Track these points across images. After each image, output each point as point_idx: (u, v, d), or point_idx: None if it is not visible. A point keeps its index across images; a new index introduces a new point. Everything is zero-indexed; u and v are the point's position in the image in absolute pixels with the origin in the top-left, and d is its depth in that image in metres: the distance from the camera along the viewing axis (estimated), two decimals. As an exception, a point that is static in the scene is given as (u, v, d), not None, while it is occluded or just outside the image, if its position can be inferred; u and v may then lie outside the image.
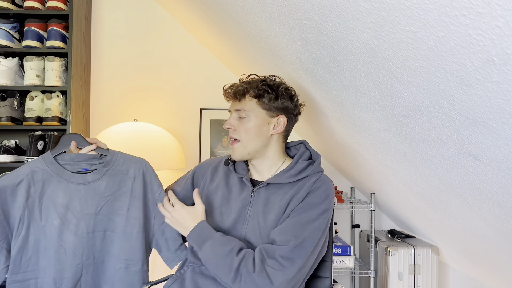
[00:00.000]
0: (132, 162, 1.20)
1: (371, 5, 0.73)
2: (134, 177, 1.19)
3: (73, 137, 1.18)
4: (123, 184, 1.18)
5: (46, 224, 1.10)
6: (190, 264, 1.15)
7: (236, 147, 1.15)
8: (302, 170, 1.14)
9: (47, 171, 1.12)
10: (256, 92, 1.12)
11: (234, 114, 1.16)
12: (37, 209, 1.10)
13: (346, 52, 0.97)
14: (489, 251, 1.36)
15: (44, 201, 1.11)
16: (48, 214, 1.11)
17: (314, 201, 1.08)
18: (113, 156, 1.19)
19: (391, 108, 1.04)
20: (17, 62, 1.96)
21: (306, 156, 1.19)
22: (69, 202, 1.12)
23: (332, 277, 1.28)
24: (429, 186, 1.31)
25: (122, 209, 1.17)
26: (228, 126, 1.15)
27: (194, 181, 1.27)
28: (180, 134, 2.25)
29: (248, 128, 1.12)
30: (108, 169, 1.17)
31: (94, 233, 1.14)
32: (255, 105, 1.13)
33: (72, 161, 1.15)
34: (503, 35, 0.56)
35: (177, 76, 2.27)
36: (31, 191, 1.10)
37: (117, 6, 2.26)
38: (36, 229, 1.10)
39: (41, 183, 1.11)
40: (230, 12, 1.43)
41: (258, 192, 1.13)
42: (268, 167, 1.18)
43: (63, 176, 1.13)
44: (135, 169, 1.20)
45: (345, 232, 2.28)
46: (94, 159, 1.17)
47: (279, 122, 1.15)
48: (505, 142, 0.78)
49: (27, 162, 1.14)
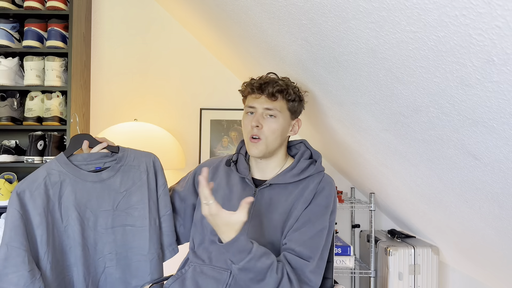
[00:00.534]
0: (142, 157, 1.24)
1: (371, 5, 0.73)
2: (147, 170, 1.22)
3: (84, 137, 1.20)
4: (137, 179, 1.20)
5: (67, 225, 1.12)
6: (192, 264, 1.14)
7: (258, 145, 1.13)
8: (304, 169, 1.15)
9: (63, 172, 1.14)
10: (293, 95, 1.15)
11: (261, 111, 1.13)
12: (57, 211, 1.12)
13: (346, 52, 0.97)
14: (489, 251, 1.36)
15: (63, 202, 1.12)
16: (69, 214, 1.12)
17: (323, 203, 1.11)
18: (124, 152, 1.22)
19: (391, 108, 1.04)
20: (17, 62, 1.95)
21: (307, 155, 1.20)
22: (87, 201, 1.15)
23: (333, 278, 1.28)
24: (429, 186, 1.31)
25: (140, 202, 1.19)
26: (256, 124, 1.11)
27: (196, 181, 1.27)
28: (180, 134, 2.25)
29: (276, 129, 1.13)
30: (121, 165, 1.20)
31: (113, 228, 1.16)
32: (285, 106, 1.15)
33: (85, 161, 1.17)
34: (503, 35, 0.56)
35: (177, 76, 2.27)
36: (50, 194, 1.11)
37: (117, 6, 2.26)
38: (59, 231, 1.11)
39: (59, 185, 1.12)
40: (230, 12, 1.43)
41: (261, 192, 1.13)
42: (273, 166, 1.19)
43: (79, 176, 1.15)
44: (147, 163, 1.23)
45: (345, 232, 2.28)
46: (106, 157, 1.20)
47: (296, 125, 1.20)
48: (505, 142, 0.78)
49: (42, 165, 1.15)
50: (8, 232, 1.04)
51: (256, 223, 1.10)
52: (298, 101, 1.18)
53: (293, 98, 1.15)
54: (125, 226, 1.18)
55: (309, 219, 1.08)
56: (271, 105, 1.13)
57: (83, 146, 1.19)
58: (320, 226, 1.08)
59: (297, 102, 1.18)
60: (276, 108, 1.13)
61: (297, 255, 1.04)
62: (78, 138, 1.19)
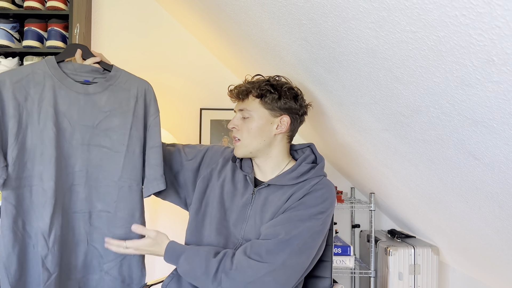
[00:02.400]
0: (135, 82, 1.18)
1: (371, 5, 0.73)
2: (137, 96, 1.17)
3: (79, 47, 1.15)
4: (124, 103, 1.15)
5: (44, 129, 1.06)
6: None
7: (238, 145, 1.16)
8: (304, 173, 1.12)
9: (49, 74, 1.07)
10: (259, 92, 1.13)
11: (238, 114, 1.18)
12: (35, 112, 1.05)
13: (346, 52, 0.97)
14: (489, 251, 1.36)
15: (43, 105, 1.06)
16: (47, 118, 1.06)
17: (310, 202, 1.07)
18: (117, 72, 1.17)
19: (391, 108, 1.04)
20: (17, 62, 1.95)
21: (310, 159, 1.18)
22: (66, 110, 1.08)
23: (332, 277, 1.28)
24: (429, 186, 1.31)
25: (122, 127, 1.14)
26: (232, 126, 1.17)
27: (203, 159, 1.26)
28: (180, 134, 2.25)
29: (251, 128, 1.13)
30: (110, 84, 1.15)
31: (89, 146, 1.11)
32: (258, 105, 1.14)
33: (74, 71, 1.12)
34: (503, 35, 0.56)
35: (177, 76, 2.27)
36: (31, 92, 1.05)
37: (117, 6, 2.26)
38: (34, 133, 1.05)
39: (42, 86, 1.06)
40: (230, 12, 1.43)
41: (259, 192, 1.13)
42: (271, 167, 1.17)
43: (65, 83, 1.09)
44: (138, 89, 1.18)
45: (345, 232, 2.28)
46: (97, 72, 1.15)
47: (282, 122, 1.15)
48: (505, 142, 0.78)
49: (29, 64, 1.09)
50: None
51: (252, 223, 1.10)
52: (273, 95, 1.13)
53: (262, 93, 1.13)
54: (101, 147, 1.12)
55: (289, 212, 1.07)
56: (242, 106, 1.16)
57: (76, 55, 1.14)
58: (296, 218, 1.04)
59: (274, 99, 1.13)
60: (247, 108, 1.14)
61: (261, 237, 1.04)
62: (73, 46, 1.14)
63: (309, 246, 1.04)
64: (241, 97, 1.16)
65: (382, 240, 1.97)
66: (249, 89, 1.15)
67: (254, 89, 1.14)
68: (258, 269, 0.98)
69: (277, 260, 0.99)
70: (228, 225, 1.12)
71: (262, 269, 0.98)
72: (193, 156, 1.27)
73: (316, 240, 1.06)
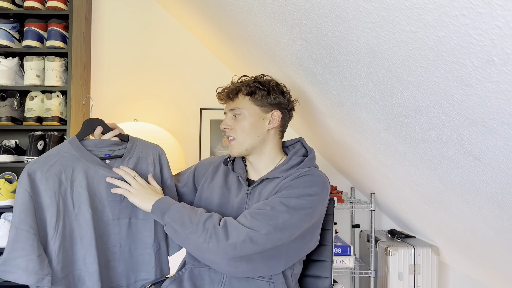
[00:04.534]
0: (150, 148, 1.23)
1: (371, 5, 0.73)
2: (154, 162, 1.21)
3: (97, 121, 1.17)
4: (144, 170, 1.19)
5: (79, 212, 1.07)
6: (188, 266, 1.15)
7: (233, 144, 1.17)
8: (295, 165, 1.15)
9: (76, 156, 1.09)
10: (248, 89, 1.16)
11: (229, 114, 1.19)
12: (69, 197, 1.06)
13: (346, 52, 0.97)
14: (489, 251, 1.36)
15: (75, 188, 1.07)
16: (80, 201, 1.07)
17: (298, 185, 1.07)
18: (134, 143, 1.21)
19: (391, 108, 1.04)
20: (17, 62, 1.95)
21: (301, 153, 1.20)
22: (96, 189, 1.11)
23: (332, 277, 1.28)
24: (429, 186, 1.31)
25: None
26: (224, 126, 1.18)
27: (195, 178, 1.28)
28: (180, 134, 2.25)
29: (244, 126, 1.15)
30: (130, 156, 1.18)
31: (119, 220, 1.14)
32: (248, 102, 1.16)
33: (96, 147, 1.14)
34: (503, 35, 0.56)
35: (177, 76, 2.27)
36: (62, 177, 1.06)
37: (117, 6, 2.26)
38: (71, 218, 1.06)
39: (71, 169, 1.07)
40: (230, 12, 1.43)
41: (253, 190, 1.14)
42: (265, 164, 1.19)
43: (91, 162, 1.11)
44: (153, 155, 1.22)
45: (345, 232, 2.28)
46: (116, 145, 1.18)
47: (274, 117, 1.17)
48: (505, 142, 0.78)
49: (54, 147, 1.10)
50: (17, 214, 0.98)
51: None
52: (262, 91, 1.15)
53: (251, 91, 1.15)
54: (130, 218, 1.15)
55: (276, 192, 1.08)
56: (232, 105, 1.18)
57: (95, 132, 1.16)
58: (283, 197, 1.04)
59: (264, 96, 1.15)
60: (237, 107, 1.16)
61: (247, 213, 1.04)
62: (91, 122, 1.17)
63: (293, 224, 1.02)
64: (231, 96, 1.18)
65: (382, 240, 1.97)
66: (238, 88, 1.17)
67: (244, 87, 1.16)
68: (241, 231, 0.98)
69: (261, 229, 0.98)
70: None
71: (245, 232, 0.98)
72: (185, 181, 1.29)
73: (303, 220, 1.04)
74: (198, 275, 1.11)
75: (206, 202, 1.19)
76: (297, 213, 1.03)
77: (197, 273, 1.12)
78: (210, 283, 1.08)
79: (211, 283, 1.08)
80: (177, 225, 1.02)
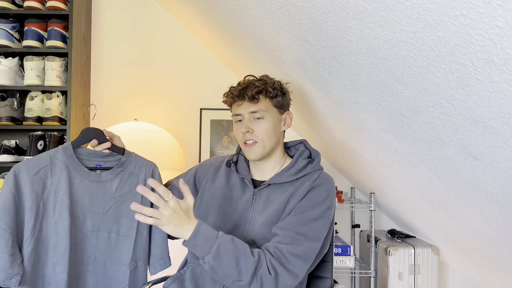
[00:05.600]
0: (143, 165, 1.22)
1: (371, 5, 0.73)
2: (145, 180, 1.20)
3: (94, 131, 1.17)
4: (133, 187, 1.18)
5: (59, 220, 1.08)
6: (190, 265, 1.15)
7: (254, 148, 1.12)
8: (302, 168, 1.14)
9: (66, 164, 1.11)
10: (273, 92, 1.13)
11: (248, 116, 1.13)
12: (51, 203, 1.08)
13: (346, 52, 0.97)
14: (489, 251, 1.36)
15: (59, 196, 1.08)
16: (62, 209, 1.08)
17: (316, 199, 1.08)
18: (128, 157, 1.20)
19: (391, 108, 1.04)
20: (17, 62, 1.95)
21: (306, 155, 1.20)
22: (79, 198, 1.12)
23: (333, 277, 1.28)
24: (429, 186, 1.31)
25: (131, 211, 1.15)
26: (246, 130, 1.12)
27: (197, 180, 1.27)
28: (180, 134, 2.25)
29: (268, 129, 1.13)
30: (122, 170, 1.18)
31: (98, 232, 1.14)
32: (270, 104, 1.14)
33: (87, 156, 1.15)
34: (503, 35, 0.56)
35: (177, 76, 2.27)
36: (48, 183, 1.08)
37: (117, 6, 2.26)
38: (49, 223, 1.07)
39: (59, 176, 1.09)
40: (230, 12, 1.43)
41: (260, 193, 1.13)
42: (272, 166, 1.18)
43: (79, 172, 1.12)
44: (146, 172, 1.21)
45: (345, 232, 2.28)
46: (108, 156, 1.18)
47: (287, 118, 1.19)
48: (505, 142, 0.78)
49: (47, 151, 1.12)
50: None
51: (255, 223, 1.10)
52: (281, 95, 1.16)
53: (274, 94, 1.14)
54: (110, 232, 1.15)
55: (300, 212, 1.07)
56: (254, 108, 1.12)
57: (91, 143, 1.17)
58: (308, 218, 1.05)
59: (281, 97, 1.16)
60: (261, 109, 1.12)
61: (279, 241, 1.02)
62: (89, 131, 1.17)
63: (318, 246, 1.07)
64: (256, 96, 1.12)
65: (382, 240, 1.97)
66: (263, 89, 1.13)
67: (268, 88, 1.13)
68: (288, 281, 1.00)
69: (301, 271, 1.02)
70: (230, 229, 1.13)
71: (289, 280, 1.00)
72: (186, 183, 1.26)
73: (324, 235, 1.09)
74: (200, 274, 1.11)
75: (207, 203, 1.18)
76: (321, 235, 1.07)
77: (198, 273, 1.12)
78: (212, 283, 1.08)
79: (213, 283, 1.08)
80: (220, 270, 0.95)
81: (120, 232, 1.16)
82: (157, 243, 1.20)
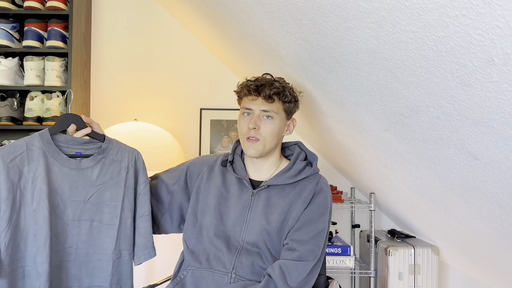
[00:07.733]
0: (126, 152, 1.17)
1: (371, 5, 0.73)
2: (128, 167, 1.16)
3: (73, 117, 1.14)
4: (115, 174, 1.14)
5: (37, 209, 1.03)
6: (189, 268, 1.14)
7: (255, 145, 1.13)
8: (301, 170, 1.16)
9: (43, 151, 1.06)
10: (289, 97, 1.16)
11: (258, 112, 1.14)
12: (29, 191, 1.03)
13: (346, 52, 0.97)
14: (489, 251, 1.36)
15: (37, 184, 1.04)
16: (40, 198, 1.04)
17: (322, 204, 1.13)
18: (109, 144, 1.15)
19: (391, 108, 1.04)
20: (17, 62, 1.95)
21: (302, 157, 1.22)
22: (59, 186, 1.07)
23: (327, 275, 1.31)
24: (429, 186, 1.31)
25: (114, 199, 1.13)
26: (253, 125, 1.12)
27: (188, 177, 1.25)
28: (180, 134, 2.25)
29: (273, 130, 1.14)
30: (103, 157, 1.13)
31: (79, 221, 1.10)
32: (281, 107, 1.16)
33: (67, 143, 1.11)
34: (503, 35, 0.56)
35: (177, 76, 2.27)
36: (25, 171, 1.03)
37: (117, 6, 2.26)
38: (27, 213, 1.03)
39: (36, 163, 1.04)
40: (230, 12, 1.43)
41: (259, 194, 1.13)
42: (268, 166, 1.19)
43: (58, 159, 1.08)
44: (129, 159, 1.17)
45: (345, 232, 2.28)
46: (89, 143, 1.14)
47: (291, 125, 1.22)
48: (505, 142, 0.78)
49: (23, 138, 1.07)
50: None
51: (255, 225, 1.10)
52: (293, 102, 1.19)
53: (289, 99, 1.16)
54: (92, 221, 1.11)
55: (310, 219, 1.10)
56: (268, 107, 1.13)
57: (69, 129, 1.13)
58: (321, 226, 1.11)
59: (293, 103, 1.19)
60: (273, 110, 1.13)
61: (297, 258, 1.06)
62: (67, 117, 1.13)
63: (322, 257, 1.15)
64: (273, 97, 1.12)
65: (382, 240, 1.97)
66: (282, 92, 1.14)
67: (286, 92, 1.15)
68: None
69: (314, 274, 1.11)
70: (226, 229, 1.12)
71: None
72: (177, 178, 1.25)
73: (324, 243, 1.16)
74: (201, 278, 1.10)
75: (203, 202, 1.17)
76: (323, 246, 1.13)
77: (199, 276, 1.11)
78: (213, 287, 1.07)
79: (215, 286, 1.07)
80: None
81: (103, 221, 1.12)
82: (142, 232, 1.16)
